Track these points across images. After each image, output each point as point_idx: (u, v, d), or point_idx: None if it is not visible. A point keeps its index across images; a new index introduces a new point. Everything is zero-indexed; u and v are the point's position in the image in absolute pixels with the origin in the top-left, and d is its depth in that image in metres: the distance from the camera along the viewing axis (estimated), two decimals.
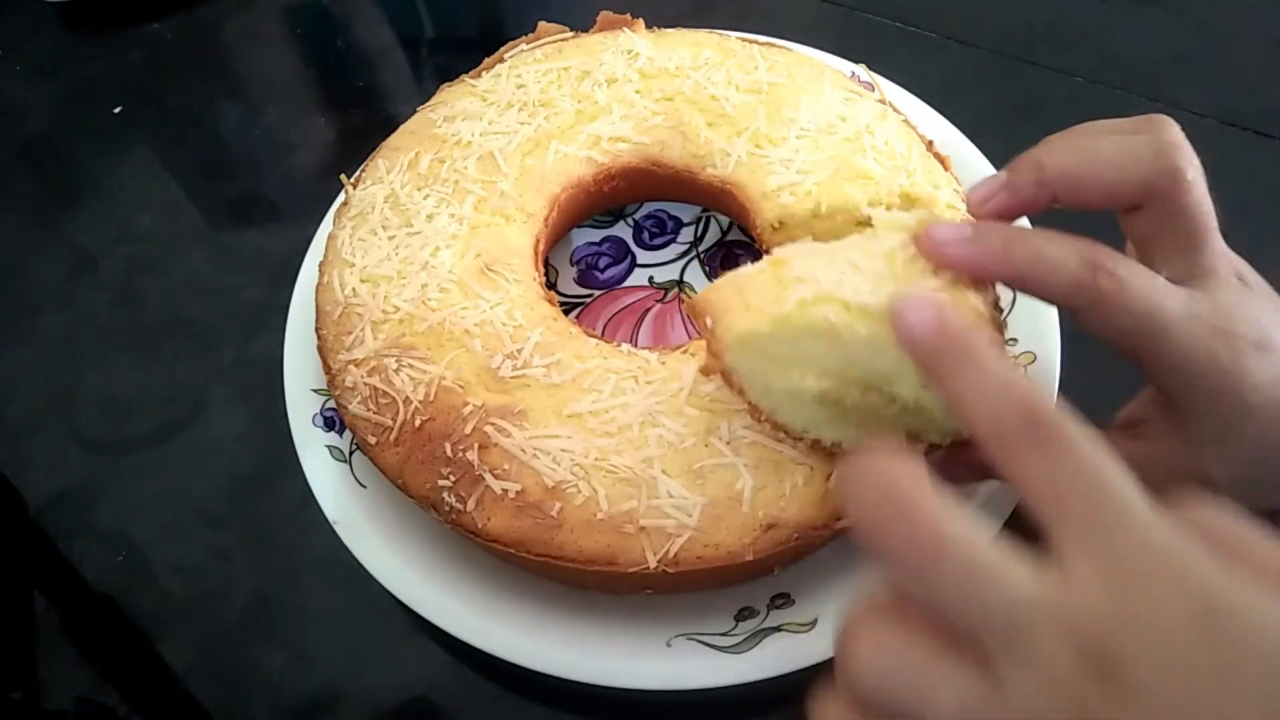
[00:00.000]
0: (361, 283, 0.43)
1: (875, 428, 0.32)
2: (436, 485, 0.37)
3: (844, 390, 0.31)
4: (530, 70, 0.50)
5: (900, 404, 0.31)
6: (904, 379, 0.30)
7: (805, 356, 0.31)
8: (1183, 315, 0.30)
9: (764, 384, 0.33)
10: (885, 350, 0.29)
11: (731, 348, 0.33)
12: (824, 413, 0.33)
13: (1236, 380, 0.29)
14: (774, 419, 0.35)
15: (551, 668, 0.38)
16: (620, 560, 0.35)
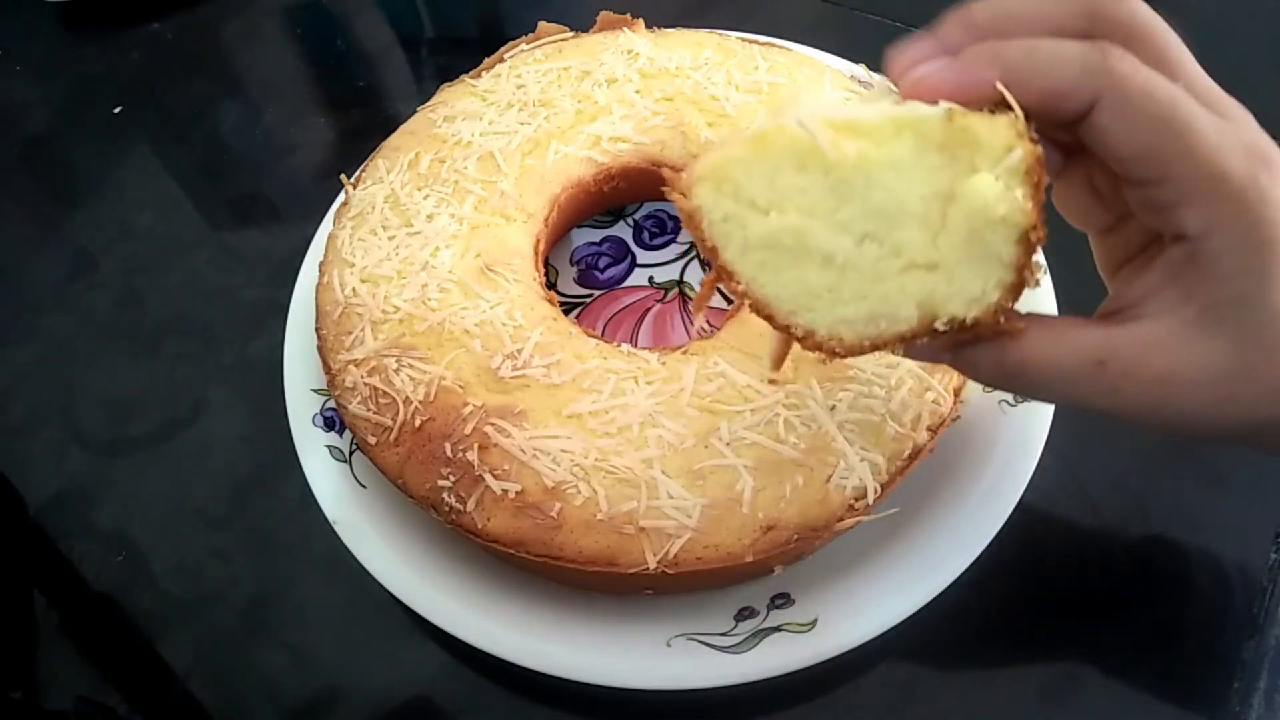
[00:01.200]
0: (361, 283, 0.43)
1: (879, 301, 0.27)
2: (436, 485, 0.37)
3: (835, 240, 0.26)
4: (530, 70, 0.50)
5: (907, 259, 0.26)
6: (909, 218, 0.26)
7: (785, 191, 0.26)
8: (1214, 125, 0.25)
9: (740, 237, 0.28)
10: (882, 177, 0.25)
11: (700, 180, 0.27)
12: (813, 276, 0.27)
13: (1272, 213, 0.24)
14: (754, 294, 0.28)
15: (551, 668, 0.38)
16: (620, 561, 0.35)
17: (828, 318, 0.28)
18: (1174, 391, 0.26)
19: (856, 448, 0.36)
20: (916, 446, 0.37)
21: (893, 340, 0.27)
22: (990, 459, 0.41)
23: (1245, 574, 0.41)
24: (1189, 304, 0.25)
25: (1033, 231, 0.24)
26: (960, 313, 0.26)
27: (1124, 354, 0.26)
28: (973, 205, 0.25)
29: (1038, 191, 0.24)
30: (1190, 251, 0.25)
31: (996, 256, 0.25)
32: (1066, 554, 0.43)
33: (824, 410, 0.36)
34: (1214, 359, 0.25)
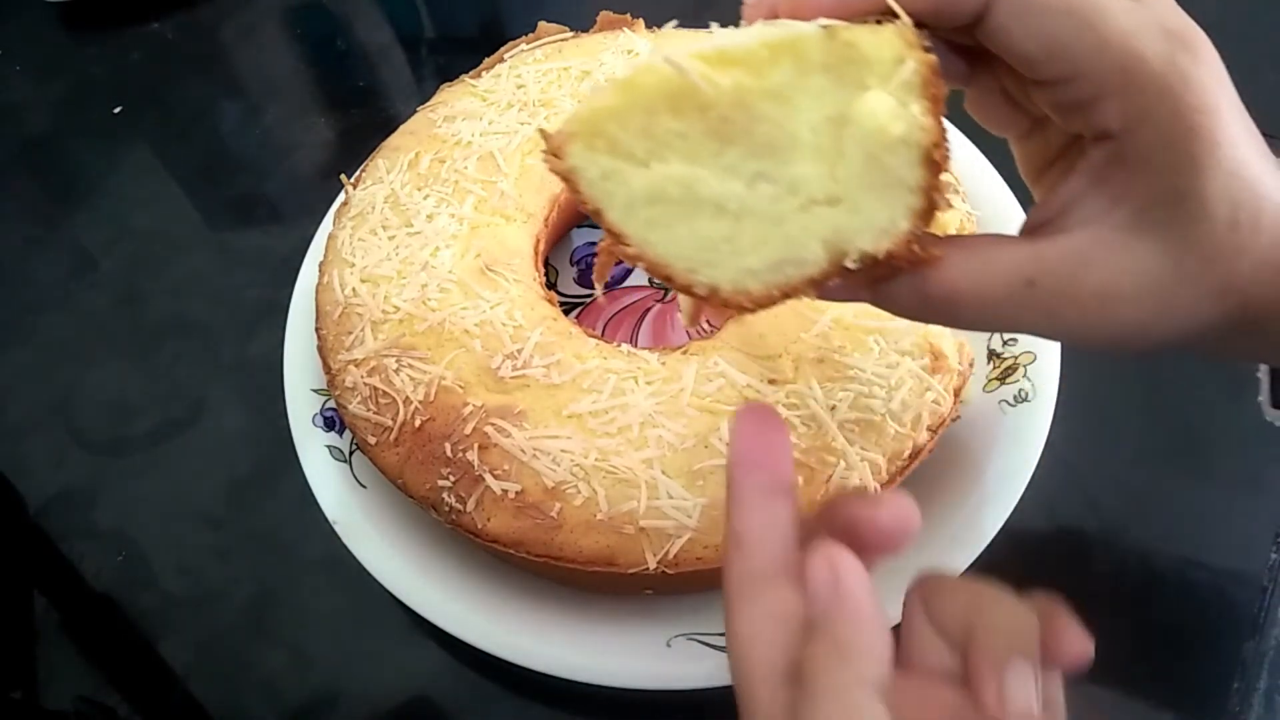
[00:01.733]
0: (361, 283, 0.43)
1: (782, 245, 0.24)
2: (436, 485, 0.37)
3: (724, 185, 0.24)
4: (530, 70, 0.50)
5: (805, 195, 0.24)
6: (801, 150, 0.23)
7: (664, 137, 0.24)
8: (1124, 7, 0.22)
9: (623, 194, 0.25)
10: (764, 108, 0.23)
11: (571, 137, 0.25)
12: (708, 227, 0.25)
13: (1207, 106, 0.22)
14: (647, 256, 0.26)
15: (551, 668, 0.38)
16: (620, 561, 0.35)
17: (730, 271, 0.25)
18: (1109, 306, 0.23)
19: (856, 447, 0.36)
20: (916, 446, 0.37)
21: (803, 285, 0.25)
22: (991, 459, 0.41)
23: (1245, 574, 0.41)
24: (1118, 208, 0.23)
25: (935, 149, 0.22)
26: (870, 246, 0.24)
27: (1054, 271, 0.24)
28: (867, 127, 0.22)
29: (936, 105, 0.22)
30: (1114, 150, 0.23)
31: (900, 181, 0.23)
32: (1066, 554, 0.43)
33: (824, 410, 0.36)
34: (1151, 265, 0.23)
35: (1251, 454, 0.45)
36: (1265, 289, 0.23)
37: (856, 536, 0.24)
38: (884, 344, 0.38)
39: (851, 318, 0.39)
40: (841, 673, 0.21)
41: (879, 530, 0.24)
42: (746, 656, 0.23)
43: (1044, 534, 0.42)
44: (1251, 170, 0.23)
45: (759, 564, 0.24)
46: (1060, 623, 0.25)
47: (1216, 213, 0.22)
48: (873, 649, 0.22)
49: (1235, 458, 0.45)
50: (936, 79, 0.22)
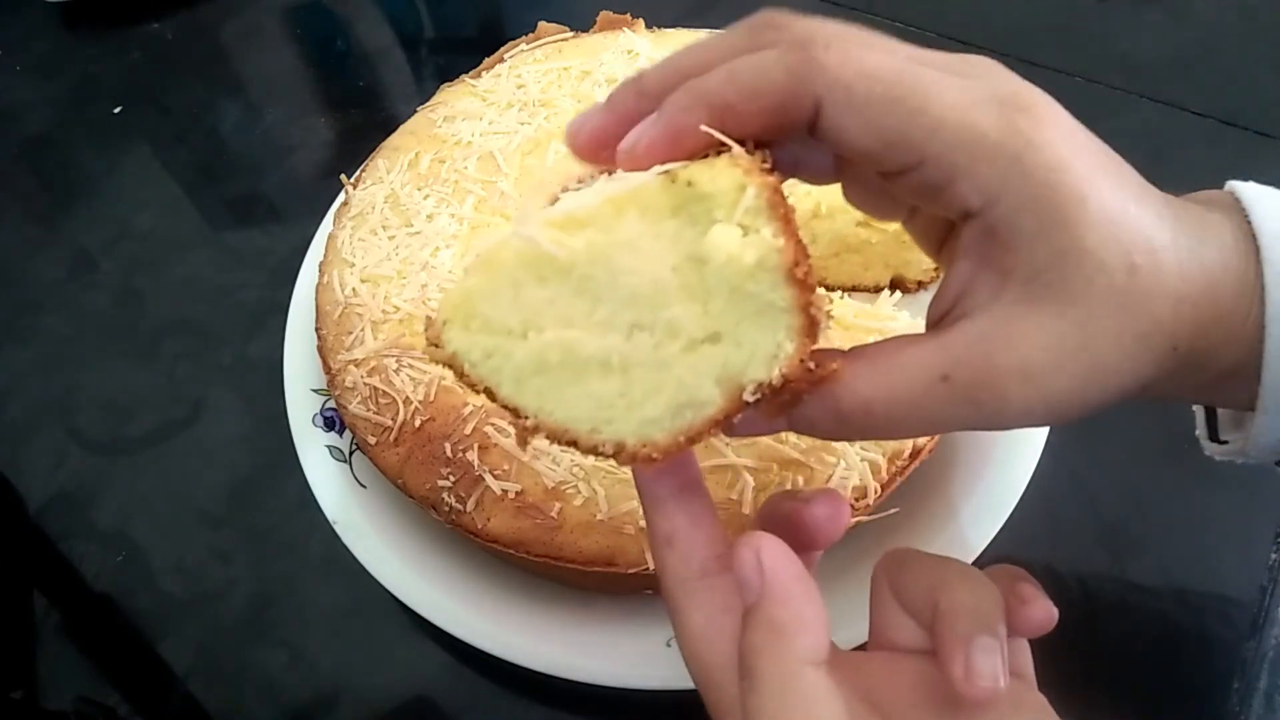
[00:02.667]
0: (361, 283, 0.43)
1: (676, 390, 0.24)
2: (436, 485, 0.37)
3: (604, 341, 0.24)
4: (530, 70, 0.50)
5: (685, 337, 0.23)
6: (669, 294, 0.23)
7: (535, 306, 0.24)
8: (954, 85, 0.22)
9: (509, 369, 0.25)
10: (622, 261, 0.23)
11: (446, 324, 0.25)
12: (599, 386, 0.24)
13: (1061, 163, 0.22)
14: (546, 425, 0.25)
15: (551, 668, 0.38)
16: (619, 561, 0.35)
17: (631, 424, 0.24)
18: (1035, 383, 0.22)
19: (857, 448, 0.36)
20: (917, 447, 0.37)
21: (708, 426, 0.24)
22: (991, 459, 0.41)
23: (1245, 574, 0.41)
24: (1008, 285, 0.22)
25: (797, 267, 0.22)
26: (763, 376, 0.23)
27: (966, 361, 0.23)
28: (720, 261, 0.22)
29: (788, 224, 0.22)
30: (983, 227, 0.23)
31: (771, 305, 0.22)
32: (1066, 554, 0.43)
33: None
34: (1060, 331, 0.22)
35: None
36: (1190, 326, 0.23)
37: (792, 532, 0.24)
38: None
39: (852, 318, 0.39)
40: (778, 653, 0.21)
41: (813, 524, 0.25)
42: (698, 655, 0.24)
43: (1044, 534, 0.42)
44: (1130, 214, 0.22)
45: (694, 562, 0.24)
46: (1024, 591, 0.25)
47: (1109, 263, 0.22)
48: (807, 625, 0.22)
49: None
50: (782, 199, 0.21)
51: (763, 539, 0.23)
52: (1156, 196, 0.23)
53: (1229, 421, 0.30)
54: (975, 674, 0.22)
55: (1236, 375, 0.24)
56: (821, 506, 0.25)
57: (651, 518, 0.25)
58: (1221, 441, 0.30)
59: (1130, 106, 0.58)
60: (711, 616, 0.24)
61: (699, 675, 0.24)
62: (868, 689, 0.23)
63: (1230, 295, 0.23)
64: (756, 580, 0.22)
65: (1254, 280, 0.23)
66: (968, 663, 0.22)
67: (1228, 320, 0.23)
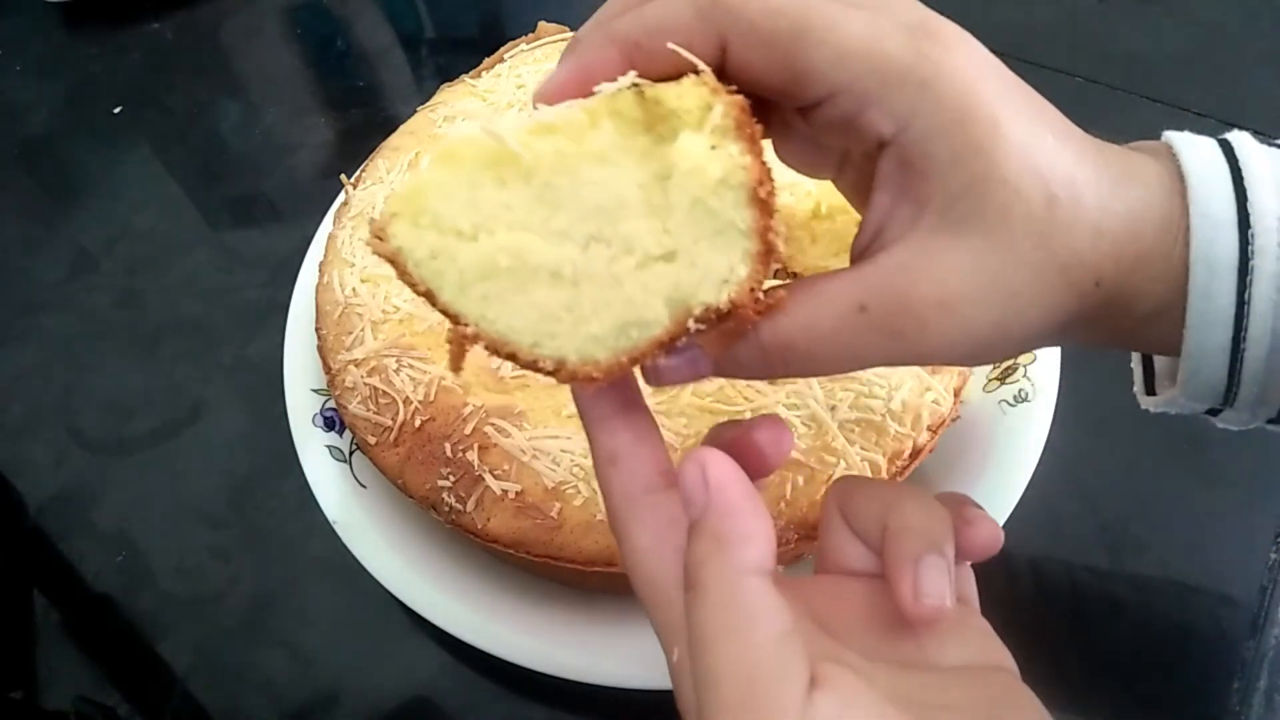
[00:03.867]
0: (362, 282, 0.43)
1: (624, 307, 0.23)
2: (436, 485, 0.37)
3: (558, 250, 0.23)
4: (530, 70, 0.50)
5: (641, 253, 0.23)
6: (630, 209, 0.23)
7: (490, 209, 0.23)
8: (858, 17, 0.22)
9: (454, 272, 0.24)
10: (588, 172, 0.22)
11: (394, 217, 0.24)
12: (546, 297, 0.24)
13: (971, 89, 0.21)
14: (486, 334, 0.24)
15: (551, 668, 0.38)
16: (619, 561, 0.35)
17: (574, 340, 0.24)
18: (955, 312, 0.22)
19: (857, 447, 0.36)
20: (917, 446, 0.37)
21: (650, 348, 0.24)
22: (991, 459, 0.41)
23: (1245, 574, 0.41)
24: (925, 211, 0.22)
25: (760, 187, 0.21)
26: (712, 299, 0.23)
27: (882, 290, 0.23)
28: (685, 172, 0.22)
29: (755, 144, 0.21)
30: (898, 156, 0.22)
31: (731, 225, 0.22)
32: (1066, 553, 0.43)
33: (824, 410, 0.36)
34: (979, 260, 0.22)
35: (1251, 454, 0.45)
36: (1113, 261, 0.22)
37: (737, 459, 0.23)
38: None
39: None
40: (721, 564, 0.21)
41: (757, 449, 0.25)
42: (644, 572, 0.23)
43: (1044, 534, 0.42)
44: (1048, 146, 0.22)
45: (639, 479, 0.24)
46: (969, 514, 0.25)
47: (1027, 193, 0.21)
48: (752, 537, 0.21)
49: (1235, 458, 0.45)
50: (749, 119, 0.21)
51: (708, 453, 0.22)
52: (1079, 136, 0.23)
53: (1165, 373, 0.29)
54: (923, 593, 0.22)
55: (1162, 318, 0.23)
56: (765, 431, 0.25)
57: (594, 436, 0.25)
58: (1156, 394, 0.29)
59: (1130, 106, 0.58)
60: (658, 533, 0.23)
61: (645, 593, 0.23)
62: (815, 610, 0.23)
63: (1154, 233, 0.22)
64: (701, 494, 0.22)
65: (1179, 220, 0.22)
66: (916, 582, 0.22)
67: (1151, 258, 0.22)
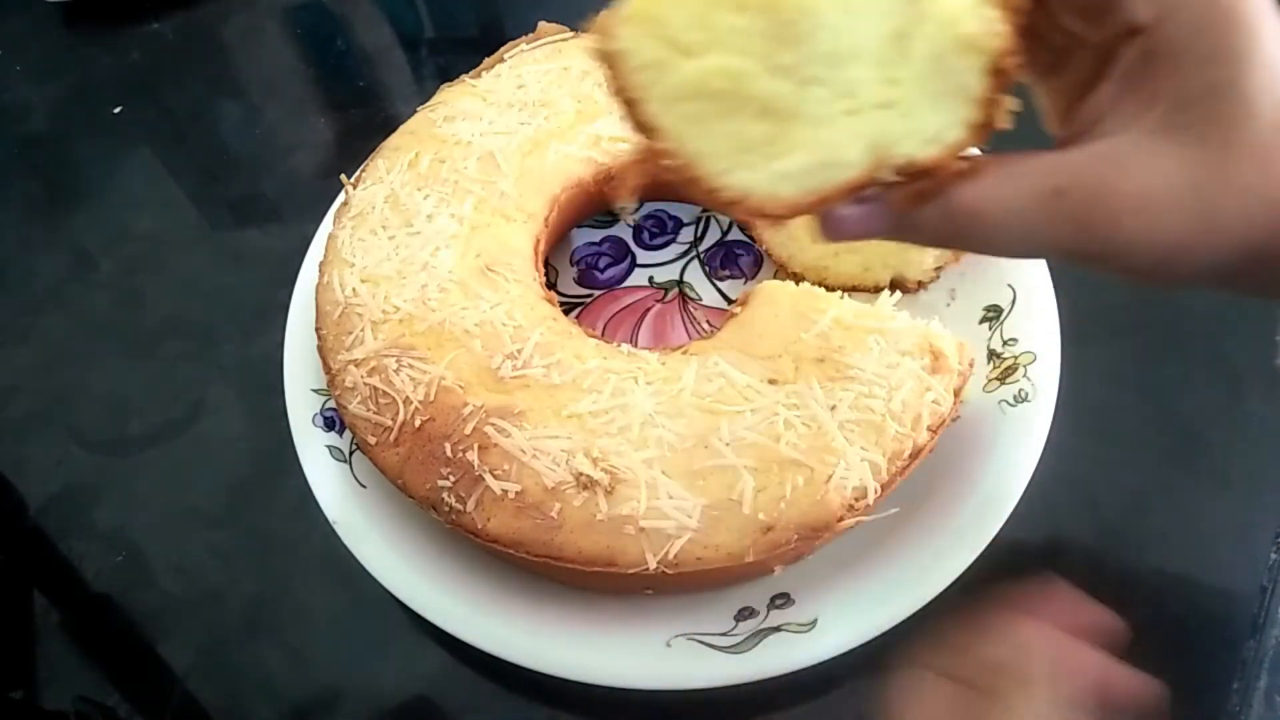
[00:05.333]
0: (362, 283, 0.43)
1: (823, 147, 0.23)
2: (436, 485, 0.37)
3: (774, 84, 0.23)
4: (530, 70, 0.50)
5: (857, 99, 0.23)
6: (861, 56, 0.23)
7: (721, 32, 0.23)
8: None
9: (666, 85, 0.24)
10: (832, 17, 0.22)
11: (626, 20, 0.24)
12: (749, 127, 0.24)
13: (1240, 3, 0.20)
14: (679, 151, 0.24)
15: (552, 668, 0.38)
16: (620, 561, 0.35)
17: (764, 174, 0.24)
18: (1149, 215, 0.21)
19: (857, 448, 0.36)
20: (917, 446, 0.37)
21: (836, 193, 0.24)
22: (991, 459, 0.41)
23: (1245, 574, 0.41)
24: (1152, 109, 0.21)
25: (1005, 58, 0.21)
26: (916, 153, 0.23)
27: (1084, 177, 0.22)
28: (939, 22, 0.22)
29: (1015, 14, 0.21)
30: (1146, 46, 0.21)
31: (961, 89, 0.22)
32: (1067, 554, 0.43)
33: (824, 410, 0.36)
34: (1189, 168, 0.21)
35: (1251, 454, 0.45)
36: None
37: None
38: (884, 344, 0.38)
39: (852, 318, 0.39)
40: None
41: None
42: None
43: (1044, 534, 0.42)
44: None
45: None
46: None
47: (1261, 110, 0.21)
48: None
49: (1235, 458, 0.45)
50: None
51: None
52: None
53: None
54: None
55: None
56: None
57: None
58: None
59: None
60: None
61: None
62: None
63: None
64: None
65: None
66: None
67: None
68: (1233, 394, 0.46)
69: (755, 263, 0.51)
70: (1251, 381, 0.47)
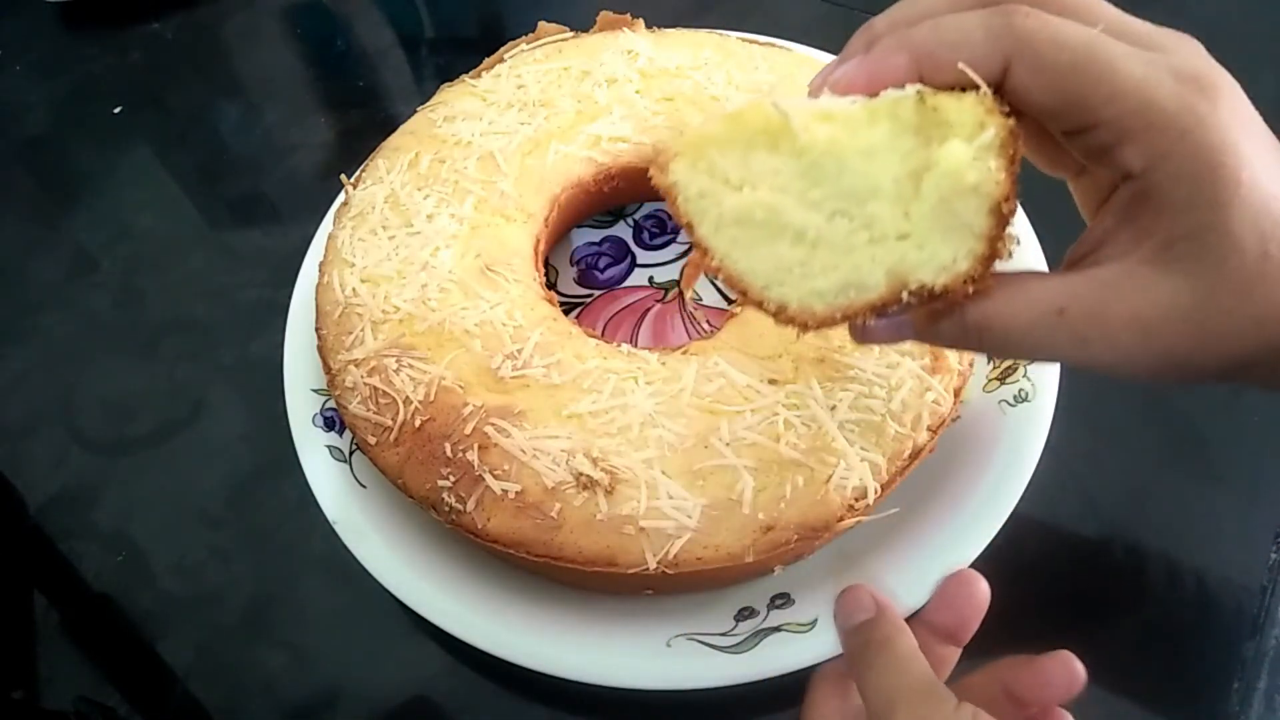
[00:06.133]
0: (362, 283, 0.43)
1: (849, 271, 0.27)
2: (436, 485, 0.37)
3: (806, 216, 0.27)
4: (530, 70, 0.50)
5: (877, 231, 0.27)
6: (880, 193, 0.26)
7: (759, 170, 0.27)
8: (1139, 58, 0.24)
9: (714, 213, 0.29)
10: (854, 162, 0.26)
11: (678, 157, 0.29)
12: (785, 251, 0.28)
13: (1226, 144, 0.23)
14: (727, 269, 0.29)
15: (551, 668, 0.38)
16: (620, 561, 0.35)
17: (799, 291, 0.28)
18: (1143, 334, 0.25)
19: (857, 448, 0.36)
20: (917, 447, 0.37)
21: (863, 310, 0.27)
22: (991, 459, 0.41)
23: (1245, 574, 0.41)
24: (1143, 243, 0.25)
25: (1005, 203, 0.24)
26: (929, 280, 0.26)
27: (1083, 299, 0.25)
28: (945, 172, 0.25)
29: (1013, 165, 0.24)
30: (1138, 189, 0.25)
31: (967, 226, 0.25)
32: (1066, 553, 0.43)
33: (824, 410, 0.36)
34: (1177, 296, 0.24)
35: (1251, 454, 0.45)
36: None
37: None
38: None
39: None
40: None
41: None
42: None
43: (1044, 534, 0.42)
44: (1278, 203, 0.23)
45: None
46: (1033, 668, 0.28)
47: (1244, 245, 0.23)
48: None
49: (1235, 458, 0.45)
50: (1014, 141, 0.24)
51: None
52: None
53: None
54: None
55: None
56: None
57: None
58: None
59: None
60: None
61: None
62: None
63: None
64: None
65: None
66: None
67: None
68: (1233, 394, 0.46)
69: None
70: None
